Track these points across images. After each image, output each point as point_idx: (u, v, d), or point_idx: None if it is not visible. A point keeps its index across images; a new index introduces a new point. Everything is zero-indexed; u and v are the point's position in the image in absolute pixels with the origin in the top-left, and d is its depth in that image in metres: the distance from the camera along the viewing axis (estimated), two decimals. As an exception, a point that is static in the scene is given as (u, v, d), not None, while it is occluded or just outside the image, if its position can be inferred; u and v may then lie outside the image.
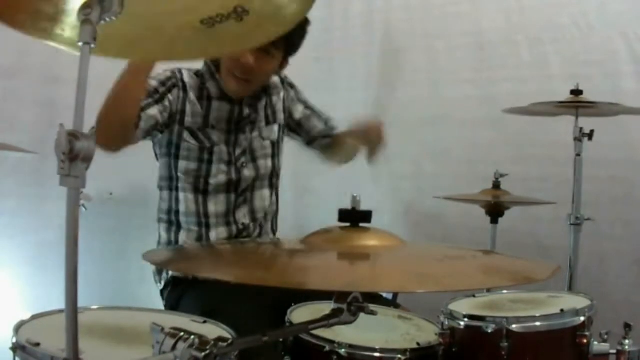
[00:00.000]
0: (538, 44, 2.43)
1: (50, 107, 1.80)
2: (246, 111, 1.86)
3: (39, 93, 1.82)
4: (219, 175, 1.81)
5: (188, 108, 1.78)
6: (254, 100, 1.89)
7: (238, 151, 1.84)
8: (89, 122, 0.82)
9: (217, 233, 1.82)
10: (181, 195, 1.82)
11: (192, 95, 1.79)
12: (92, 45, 0.83)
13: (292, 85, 2.04)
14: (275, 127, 1.95)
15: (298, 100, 2.04)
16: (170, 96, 1.74)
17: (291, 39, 1.73)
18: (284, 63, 1.84)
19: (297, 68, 1.91)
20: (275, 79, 1.99)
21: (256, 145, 1.88)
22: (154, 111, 1.69)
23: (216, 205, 1.82)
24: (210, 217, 1.82)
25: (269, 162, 1.92)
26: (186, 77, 1.80)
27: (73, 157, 0.78)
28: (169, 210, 1.84)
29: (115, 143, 1.60)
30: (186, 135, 1.78)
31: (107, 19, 0.84)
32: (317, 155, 2.11)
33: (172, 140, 1.79)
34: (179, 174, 1.81)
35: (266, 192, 1.92)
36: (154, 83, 1.73)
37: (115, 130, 1.57)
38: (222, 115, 1.82)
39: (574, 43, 2.36)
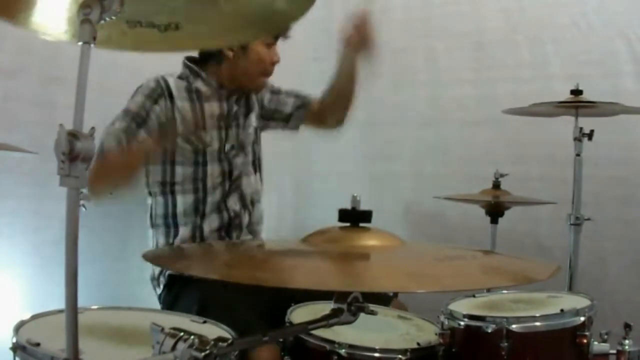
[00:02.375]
0: (538, 44, 2.43)
1: (50, 107, 1.80)
2: (235, 107, 1.91)
3: (39, 93, 1.81)
4: (215, 174, 1.85)
5: (177, 115, 1.79)
6: (242, 95, 1.94)
7: (227, 146, 1.88)
8: (89, 122, 0.82)
9: (210, 222, 1.83)
10: (179, 198, 1.83)
11: (179, 101, 1.81)
12: (92, 45, 0.83)
13: None
14: (253, 116, 2.01)
15: (265, 89, 2.07)
16: (157, 107, 1.77)
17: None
18: None
19: (297, 68, 1.90)
20: None
21: (242, 136, 1.93)
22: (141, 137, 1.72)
23: (212, 197, 1.85)
24: (206, 206, 1.84)
25: (254, 148, 1.98)
26: (172, 84, 1.82)
27: (73, 157, 0.78)
28: (166, 215, 1.85)
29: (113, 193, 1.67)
30: (179, 140, 1.80)
31: (107, 19, 0.84)
32: (310, 126, 2.12)
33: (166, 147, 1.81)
34: (177, 179, 1.82)
35: (253, 177, 1.97)
36: (139, 97, 1.77)
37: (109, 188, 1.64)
38: (213, 115, 1.86)
39: (574, 43, 2.35)
